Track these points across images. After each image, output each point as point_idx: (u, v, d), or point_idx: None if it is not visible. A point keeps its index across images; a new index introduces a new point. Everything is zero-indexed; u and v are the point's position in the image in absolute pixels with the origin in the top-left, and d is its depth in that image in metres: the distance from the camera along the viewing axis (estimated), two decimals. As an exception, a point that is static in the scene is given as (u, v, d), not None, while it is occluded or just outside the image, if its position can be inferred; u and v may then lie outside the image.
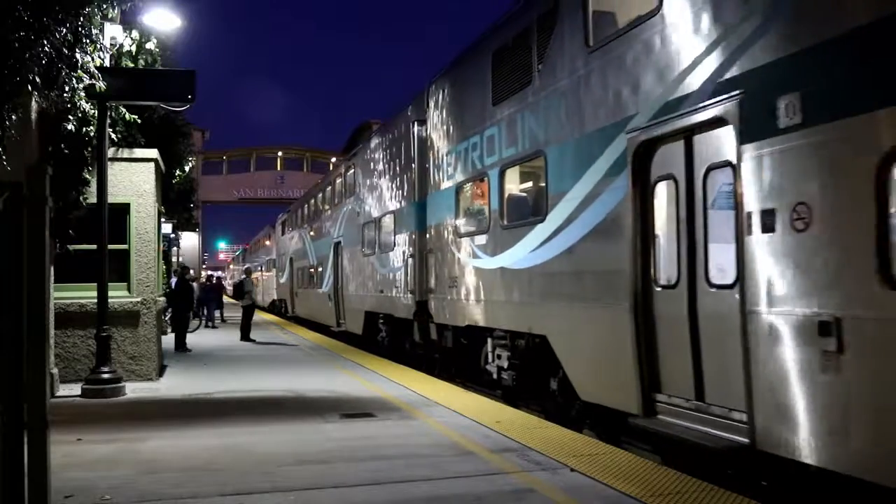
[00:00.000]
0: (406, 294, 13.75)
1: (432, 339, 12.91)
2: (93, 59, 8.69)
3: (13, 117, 6.44)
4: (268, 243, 44.32)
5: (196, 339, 18.23)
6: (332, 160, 55.06)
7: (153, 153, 11.81)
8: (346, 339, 19.04)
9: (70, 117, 9.12)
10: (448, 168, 11.85)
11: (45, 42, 6.31)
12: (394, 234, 14.88)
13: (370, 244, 17.02)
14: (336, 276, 20.81)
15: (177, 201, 19.32)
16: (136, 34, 10.69)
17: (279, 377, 11.85)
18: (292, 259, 30.66)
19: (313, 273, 25.26)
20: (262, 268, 45.61)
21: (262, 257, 46.75)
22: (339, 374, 12.13)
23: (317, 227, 25.28)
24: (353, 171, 19.47)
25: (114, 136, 10.90)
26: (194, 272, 25.95)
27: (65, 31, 6.86)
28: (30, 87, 6.43)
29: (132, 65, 10.82)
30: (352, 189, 19.57)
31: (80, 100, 8.89)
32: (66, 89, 7.99)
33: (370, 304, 16.84)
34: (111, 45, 9.79)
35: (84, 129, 9.58)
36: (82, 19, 7.58)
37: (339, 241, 20.80)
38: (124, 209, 11.33)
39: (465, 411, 8.30)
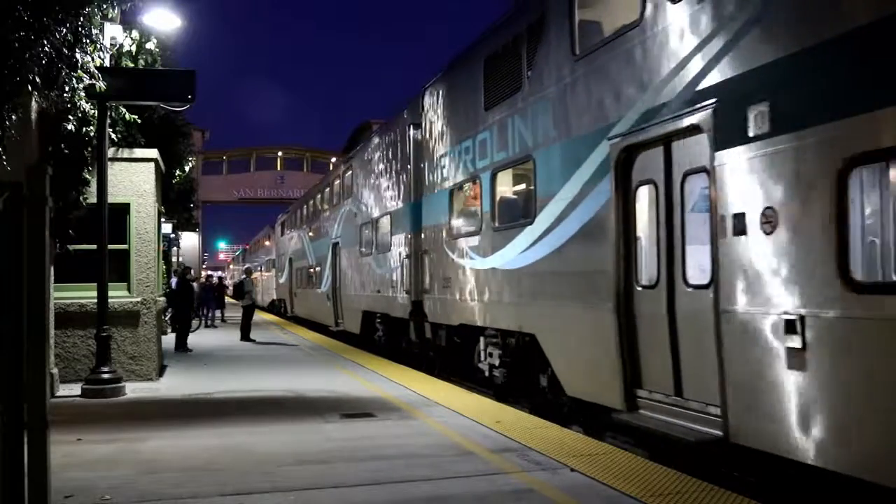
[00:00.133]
0: (402, 294, 13.92)
1: (427, 338, 13.10)
2: (93, 59, 8.70)
3: (13, 117, 6.44)
4: (267, 243, 44.34)
5: (196, 339, 18.22)
6: (332, 160, 55.07)
7: (153, 153, 11.82)
8: (345, 339, 19.05)
9: (70, 117, 9.12)
10: (442, 170, 12.08)
11: (45, 42, 6.31)
12: (390, 234, 15.02)
13: (367, 245, 17.17)
14: (334, 277, 20.91)
15: (177, 201, 19.34)
16: (136, 34, 10.70)
17: (279, 377, 11.85)
18: (291, 259, 30.69)
19: (312, 273, 25.33)
20: (262, 268, 45.63)
21: (262, 257, 46.79)
22: (339, 374, 12.14)
23: (315, 228, 25.34)
24: (350, 173, 19.57)
25: (114, 136, 10.90)
26: (194, 272, 25.93)
27: (65, 31, 6.87)
28: (30, 87, 6.43)
29: (132, 65, 10.83)
30: (350, 190, 19.68)
31: (80, 100, 8.89)
32: (66, 89, 7.99)
33: (367, 304, 16.99)
34: (111, 45, 9.80)
35: (84, 129, 9.58)
36: (82, 19, 7.58)
37: (337, 242, 20.89)
38: (124, 209, 11.33)
39: (465, 411, 8.30)
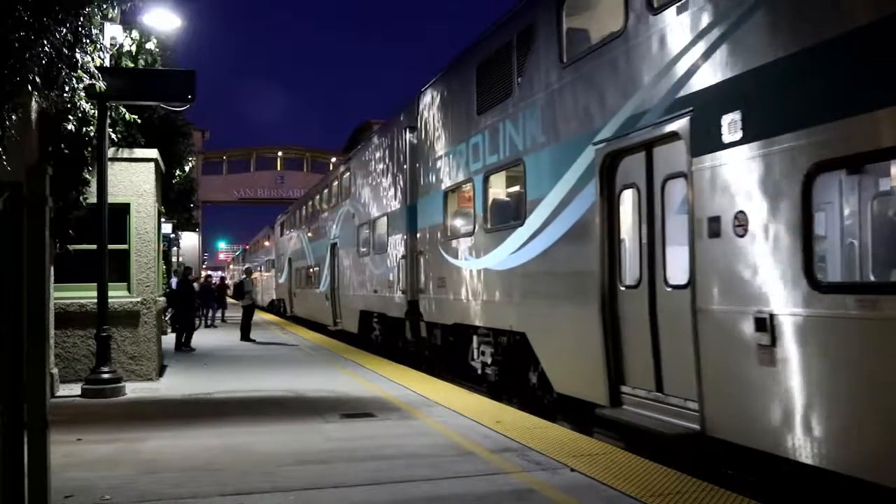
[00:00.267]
0: (399, 294, 14.06)
1: (423, 337, 13.23)
2: (93, 59, 8.69)
3: (13, 117, 6.43)
4: (267, 244, 44.34)
5: (196, 339, 18.19)
6: (332, 160, 55.04)
7: (153, 153, 11.82)
8: (344, 338, 19.06)
9: (70, 117, 9.12)
10: (437, 173, 12.29)
11: (45, 42, 6.30)
12: (387, 235, 15.16)
13: (365, 245, 17.32)
14: (333, 277, 21.01)
15: (177, 201, 19.34)
16: (136, 34, 10.70)
17: (279, 377, 11.85)
18: (291, 259, 30.73)
19: (311, 273, 25.42)
20: (262, 268, 45.64)
21: (262, 257, 46.80)
22: (339, 374, 12.14)
23: (314, 228, 25.40)
24: (349, 174, 19.69)
25: (114, 136, 10.90)
26: (194, 272, 25.93)
27: (65, 31, 6.86)
28: (30, 87, 6.42)
29: (132, 65, 10.83)
30: (348, 191, 19.80)
31: (80, 100, 8.89)
32: (66, 89, 7.99)
33: (365, 304, 17.13)
34: (111, 45, 9.80)
35: (84, 129, 9.58)
36: (82, 19, 7.58)
37: (335, 242, 20.98)
38: (124, 209, 11.34)
39: (465, 411, 8.31)
